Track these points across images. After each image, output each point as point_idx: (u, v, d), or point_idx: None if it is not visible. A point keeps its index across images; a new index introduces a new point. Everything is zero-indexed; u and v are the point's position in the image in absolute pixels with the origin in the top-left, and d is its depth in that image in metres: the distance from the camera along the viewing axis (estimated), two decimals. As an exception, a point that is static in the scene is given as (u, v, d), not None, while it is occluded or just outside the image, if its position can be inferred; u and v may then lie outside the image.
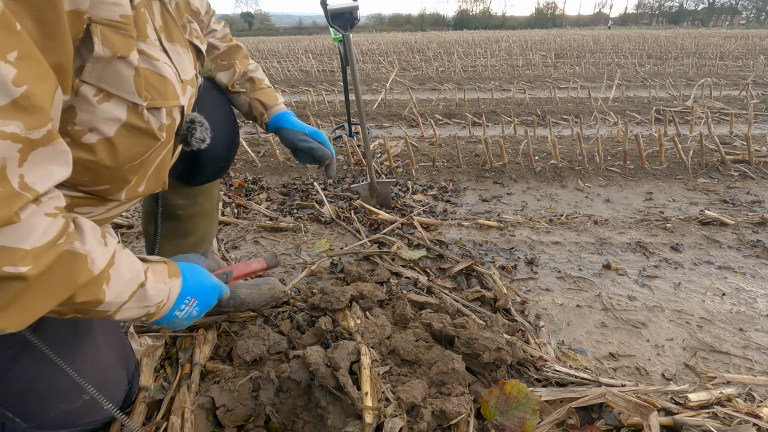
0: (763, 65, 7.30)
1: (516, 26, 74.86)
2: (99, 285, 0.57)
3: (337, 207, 2.07)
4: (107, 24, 0.52)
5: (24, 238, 0.46)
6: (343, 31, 1.64)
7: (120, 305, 0.61)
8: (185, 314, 0.76)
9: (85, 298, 0.55)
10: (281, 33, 60.38)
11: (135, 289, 0.63)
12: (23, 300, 0.48)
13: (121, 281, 0.60)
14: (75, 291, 0.53)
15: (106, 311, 0.60)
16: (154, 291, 0.67)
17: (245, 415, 0.93)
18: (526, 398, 0.92)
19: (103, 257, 0.57)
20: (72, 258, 0.52)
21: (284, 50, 13.10)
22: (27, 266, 0.46)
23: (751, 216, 1.94)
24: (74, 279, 0.53)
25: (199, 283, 0.79)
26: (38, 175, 0.46)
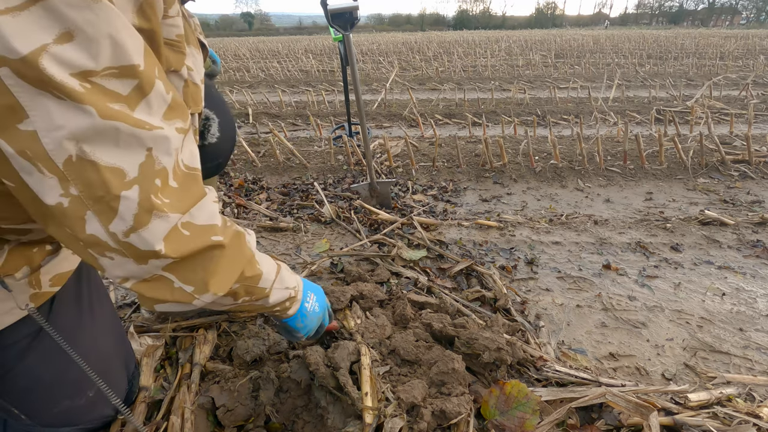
0: (763, 65, 7.29)
1: (516, 26, 74.86)
2: (255, 262, 0.69)
3: (337, 207, 2.07)
4: (167, 43, 0.57)
5: (212, 217, 0.58)
6: (343, 31, 1.64)
7: (271, 284, 0.72)
8: (312, 308, 0.87)
9: (250, 272, 0.67)
10: (281, 33, 60.38)
11: (276, 270, 0.75)
12: (223, 265, 0.60)
13: (265, 262, 0.72)
14: (245, 264, 0.65)
15: (264, 288, 0.71)
16: (288, 275, 0.80)
17: (245, 415, 0.93)
18: (526, 398, 0.92)
19: (252, 240, 0.71)
20: (239, 236, 0.65)
21: (284, 50, 13.10)
22: (222, 237, 0.59)
23: (751, 216, 1.94)
24: (244, 252, 0.66)
25: (309, 283, 0.91)
26: (189, 156, 0.56)
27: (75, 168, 0.44)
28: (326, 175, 2.60)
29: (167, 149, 0.50)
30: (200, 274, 0.58)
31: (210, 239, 0.57)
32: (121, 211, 0.47)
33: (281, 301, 0.77)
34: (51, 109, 0.41)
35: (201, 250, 0.57)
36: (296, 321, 0.85)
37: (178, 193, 0.53)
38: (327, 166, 2.69)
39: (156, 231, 0.51)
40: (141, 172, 0.48)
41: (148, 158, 0.48)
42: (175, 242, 0.53)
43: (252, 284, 0.68)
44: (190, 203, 0.55)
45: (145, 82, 0.47)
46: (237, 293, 0.66)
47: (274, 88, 6.25)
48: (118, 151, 0.46)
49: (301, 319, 0.85)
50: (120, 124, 0.45)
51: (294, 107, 4.81)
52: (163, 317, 1.22)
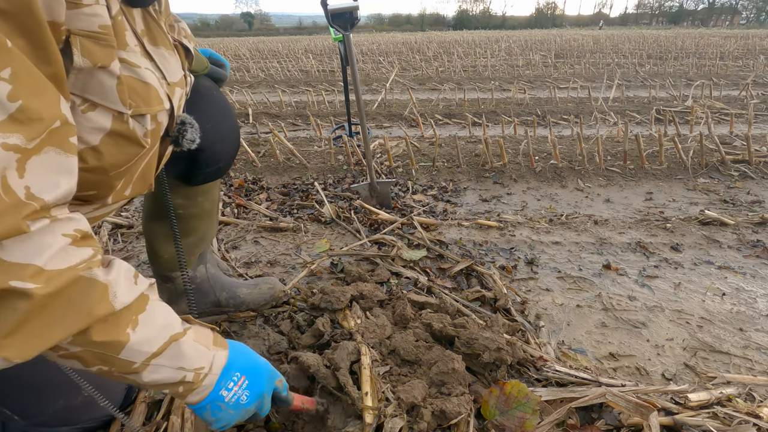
0: (763, 65, 7.29)
1: (516, 26, 74.88)
2: (121, 324, 0.53)
3: (337, 207, 2.07)
4: (87, 35, 0.51)
5: (35, 255, 0.44)
6: (344, 31, 1.64)
7: (148, 357, 0.56)
8: (233, 397, 0.66)
9: (103, 336, 0.51)
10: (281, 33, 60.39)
11: (167, 340, 0.58)
12: (31, 324, 0.44)
13: (150, 327, 0.56)
14: (91, 323, 0.49)
15: (132, 362, 0.54)
16: (193, 351, 0.61)
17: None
18: (526, 398, 0.92)
19: (127, 293, 0.54)
20: (89, 285, 0.49)
21: (284, 50, 13.10)
22: (36, 284, 0.43)
23: (751, 216, 1.94)
24: (90, 308, 0.49)
25: (249, 359, 0.70)
26: (44, 186, 0.45)
27: None
28: (326, 175, 2.60)
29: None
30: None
31: (5, 284, 0.42)
32: None
33: (167, 383, 0.59)
34: None
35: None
36: (202, 412, 0.65)
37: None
38: (327, 166, 2.69)
39: None
40: None
41: None
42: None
43: (107, 352, 0.52)
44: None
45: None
46: (83, 359, 0.52)
47: (274, 88, 6.25)
48: None
49: (211, 411, 0.65)
50: None
51: (294, 107, 4.81)
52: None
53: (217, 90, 1.05)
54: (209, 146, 0.97)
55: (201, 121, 0.85)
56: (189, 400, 0.63)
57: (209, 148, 0.97)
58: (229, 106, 1.05)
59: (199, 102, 0.94)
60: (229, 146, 1.04)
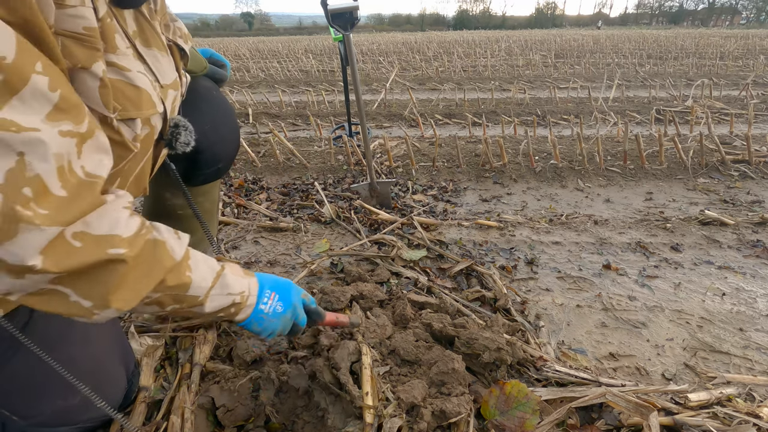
0: (763, 65, 7.29)
1: (516, 26, 74.87)
2: (182, 270, 0.64)
3: (337, 207, 2.07)
4: (69, 35, 0.52)
5: (115, 226, 0.53)
6: (344, 31, 1.64)
7: (206, 291, 0.67)
8: (270, 308, 0.80)
9: (174, 281, 0.62)
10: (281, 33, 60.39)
11: (215, 276, 0.70)
12: (128, 280, 0.55)
13: (200, 268, 0.67)
14: (164, 274, 0.60)
15: (197, 296, 0.66)
16: (233, 280, 0.73)
17: (245, 415, 0.93)
18: (526, 398, 0.92)
19: (180, 247, 0.64)
20: (155, 245, 0.59)
21: (284, 50, 13.10)
22: (125, 249, 0.53)
23: (751, 216, 1.94)
24: (161, 262, 0.60)
25: (274, 279, 0.85)
26: (94, 164, 0.52)
27: None
28: (326, 175, 2.60)
29: (43, 154, 0.45)
30: (98, 288, 0.53)
31: (106, 252, 0.52)
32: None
33: (223, 308, 0.72)
34: None
35: (95, 264, 0.51)
36: (251, 325, 0.80)
37: (64, 203, 0.48)
38: (327, 166, 2.69)
39: (26, 244, 0.45)
40: (7, 179, 0.42)
41: (19, 164, 0.43)
42: (57, 256, 0.47)
43: (178, 293, 0.63)
44: (77, 213, 0.49)
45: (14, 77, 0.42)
46: (161, 302, 0.62)
47: (274, 88, 6.25)
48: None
49: (257, 322, 0.80)
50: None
51: (294, 107, 4.81)
52: (163, 317, 1.22)
53: (217, 90, 1.05)
54: (209, 147, 0.97)
55: (200, 122, 0.85)
56: (239, 318, 0.77)
57: (209, 150, 0.97)
58: (229, 106, 1.05)
59: (199, 103, 0.94)
60: (229, 147, 1.04)
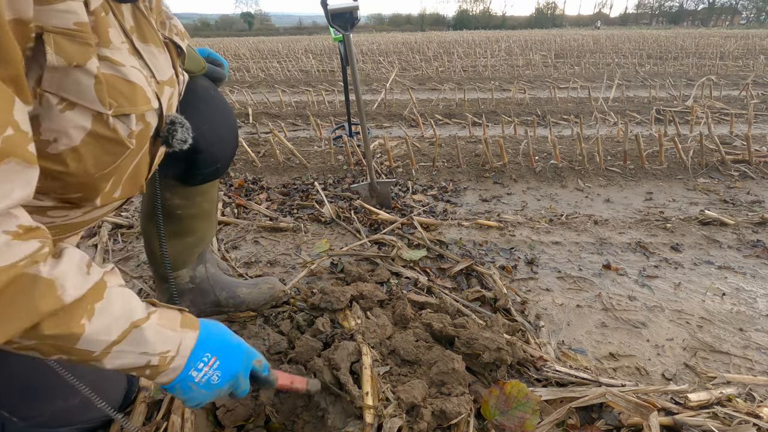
0: (763, 65, 7.29)
1: (516, 26, 74.89)
2: (74, 316, 0.52)
3: (337, 207, 2.07)
4: (61, 32, 0.49)
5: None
6: (344, 31, 1.64)
7: (107, 345, 0.55)
8: (204, 377, 0.66)
9: (54, 329, 0.50)
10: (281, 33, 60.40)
11: (127, 327, 0.57)
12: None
13: (107, 316, 0.55)
14: (39, 320, 0.48)
15: (91, 351, 0.54)
16: (156, 336, 0.60)
17: (245, 415, 0.93)
18: (526, 398, 0.92)
19: (79, 286, 0.52)
20: (31, 282, 0.48)
21: (284, 50, 13.10)
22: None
23: (751, 216, 1.94)
24: (36, 305, 0.48)
25: (221, 339, 0.70)
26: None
27: None
28: (326, 175, 2.60)
29: None
30: None
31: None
32: None
33: (132, 367, 0.59)
34: None
35: None
36: (173, 391, 0.66)
37: None
38: (327, 166, 2.69)
39: None
40: None
41: None
42: None
43: (63, 344, 0.52)
44: None
45: None
46: (40, 350, 0.52)
47: (274, 88, 6.25)
48: None
49: (181, 390, 0.66)
50: None
51: (294, 107, 4.81)
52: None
53: (215, 90, 1.05)
54: (207, 147, 0.96)
55: (199, 122, 0.84)
56: (158, 381, 0.64)
57: (207, 149, 0.97)
58: (227, 106, 1.05)
59: (197, 103, 0.94)
60: (228, 147, 1.04)
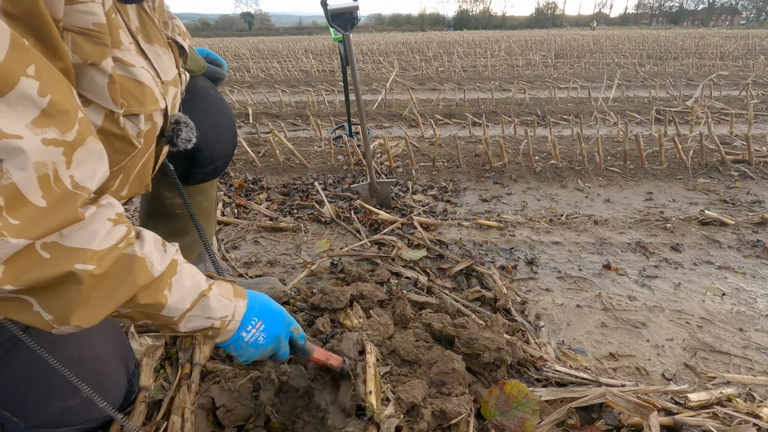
0: (763, 65, 7.29)
1: (516, 26, 74.87)
2: (160, 289, 0.60)
3: (337, 207, 2.07)
4: (79, 32, 0.52)
5: (90, 240, 0.51)
6: (343, 31, 1.64)
7: (183, 312, 0.64)
8: (252, 338, 0.76)
9: (147, 300, 0.59)
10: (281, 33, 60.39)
11: (196, 297, 0.66)
12: (92, 297, 0.52)
13: (182, 288, 0.64)
14: (137, 292, 0.57)
15: (171, 317, 0.63)
16: (218, 303, 0.69)
17: (245, 415, 0.93)
18: (526, 398, 0.92)
19: (161, 262, 0.61)
20: (130, 260, 0.56)
21: (284, 50, 13.10)
22: (93, 265, 0.51)
23: (751, 216, 1.94)
24: (134, 280, 0.56)
25: (266, 306, 0.80)
26: (85, 174, 0.50)
27: None
28: (326, 175, 2.60)
29: (21, 163, 0.42)
30: (60, 303, 0.50)
31: (72, 267, 0.49)
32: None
33: (200, 329, 0.69)
34: None
35: (57, 279, 0.49)
36: (228, 348, 0.76)
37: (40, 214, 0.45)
38: (327, 166, 2.69)
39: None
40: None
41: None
42: (20, 268, 0.46)
43: (151, 311, 0.61)
44: (52, 226, 0.47)
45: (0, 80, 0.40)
46: (131, 317, 0.60)
47: (274, 88, 6.25)
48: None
49: (234, 348, 0.76)
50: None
51: (294, 107, 4.81)
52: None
53: (215, 90, 1.05)
54: (207, 146, 0.97)
55: (198, 122, 0.85)
56: (217, 340, 0.74)
57: (207, 149, 0.97)
58: (226, 106, 1.05)
59: (197, 102, 0.94)
60: (227, 146, 1.04)
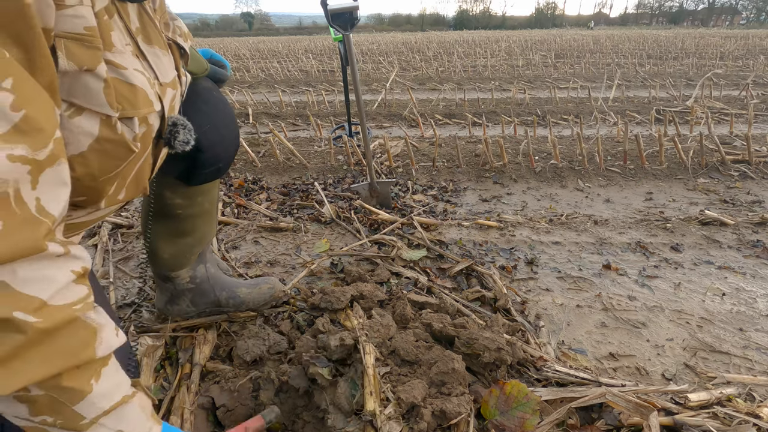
0: (763, 65, 7.29)
1: (516, 26, 74.86)
2: (90, 373, 0.52)
3: (337, 207, 2.07)
4: (71, 37, 0.50)
5: (44, 288, 0.45)
6: (343, 31, 1.64)
7: (99, 415, 0.53)
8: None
9: (71, 382, 0.49)
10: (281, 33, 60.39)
11: (119, 399, 0.56)
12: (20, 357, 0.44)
13: (109, 383, 0.55)
14: (68, 368, 0.48)
15: (83, 418, 0.52)
16: (135, 418, 0.59)
17: (245, 415, 0.93)
18: (526, 398, 0.92)
19: (108, 346, 0.53)
20: (82, 328, 0.49)
21: (284, 50, 13.10)
22: (37, 318, 0.44)
23: (751, 216, 1.94)
24: (76, 351, 0.49)
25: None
26: (50, 197, 0.46)
27: None
28: (326, 175, 2.60)
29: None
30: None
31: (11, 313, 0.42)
32: None
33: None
34: None
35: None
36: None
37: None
38: (327, 166, 2.69)
39: None
40: None
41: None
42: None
43: (65, 400, 0.49)
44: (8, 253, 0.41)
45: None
46: (37, 404, 0.48)
47: (274, 88, 6.25)
48: None
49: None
50: None
51: (294, 107, 4.81)
52: (163, 317, 1.22)
53: (217, 91, 1.05)
54: (209, 147, 0.97)
55: (201, 123, 0.85)
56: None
57: (209, 150, 0.97)
58: (228, 107, 1.05)
59: (199, 104, 0.94)
60: (230, 147, 1.04)
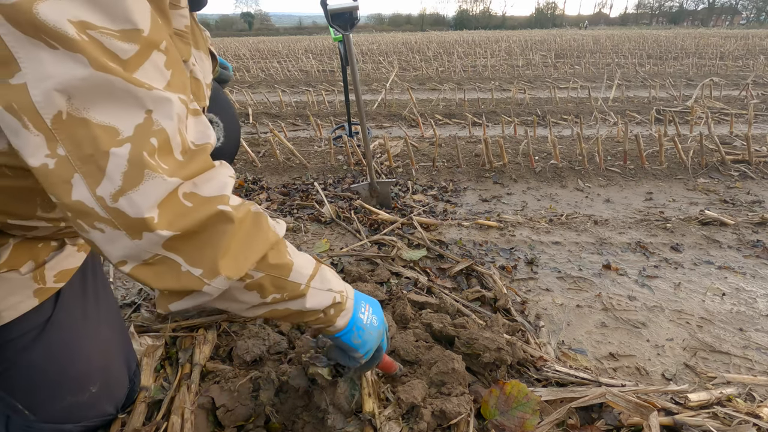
0: (763, 65, 7.29)
1: (516, 26, 74.86)
2: (283, 251, 0.60)
3: (337, 207, 2.07)
4: (177, 33, 0.57)
5: (223, 189, 0.52)
6: (343, 31, 1.64)
7: (308, 279, 0.63)
8: (368, 320, 0.74)
9: (276, 259, 0.58)
10: (281, 33, 60.36)
11: (314, 267, 0.66)
12: (236, 243, 0.53)
13: (299, 254, 0.64)
14: (267, 250, 0.57)
15: (298, 284, 0.62)
16: (331, 275, 0.69)
17: (245, 415, 0.93)
18: (526, 398, 0.92)
19: (279, 228, 0.62)
20: (258, 216, 0.57)
21: (284, 50, 13.10)
22: (232, 210, 0.52)
23: (751, 216, 1.94)
24: (265, 234, 0.57)
25: (361, 294, 0.79)
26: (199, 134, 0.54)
27: (64, 126, 0.41)
28: (326, 175, 2.60)
29: (168, 112, 0.46)
30: (208, 251, 0.50)
31: (216, 208, 0.50)
32: (109, 170, 0.43)
33: (323, 307, 0.66)
34: (43, 59, 0.38)
35: (206, 222, 0.50)
36: (351, 335, 0.71)
37: (180, 162, 0.48)
38: (327, 166, 2.69)
39: (148, 194, 0.45)
40: (136, 132, 0.44)
41: (147, 120, 0.45)
42: (172, 212, 0.47)
43: (280, 275, 0.59)
44: (193, 171, 0.50)
45: (146, 48, 0.45)
46: (263, 286, 0.57)
47: (274, 88, 6.25)
48: (113, 108, 0.42)
49: (357, 333, 0.71)
50: (116, 79, 0.42)
51: (294, 107, 4.81)
52: (162, 317, 1.22)
53: (222, 92, 1.07)
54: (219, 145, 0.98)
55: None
56: (338, 324, 0.70)
57: (215, 148, 0.98)
58: (232, 106, 1.07)
59: (211, 104, 0.96)
60: (232, 145, 1.06)
